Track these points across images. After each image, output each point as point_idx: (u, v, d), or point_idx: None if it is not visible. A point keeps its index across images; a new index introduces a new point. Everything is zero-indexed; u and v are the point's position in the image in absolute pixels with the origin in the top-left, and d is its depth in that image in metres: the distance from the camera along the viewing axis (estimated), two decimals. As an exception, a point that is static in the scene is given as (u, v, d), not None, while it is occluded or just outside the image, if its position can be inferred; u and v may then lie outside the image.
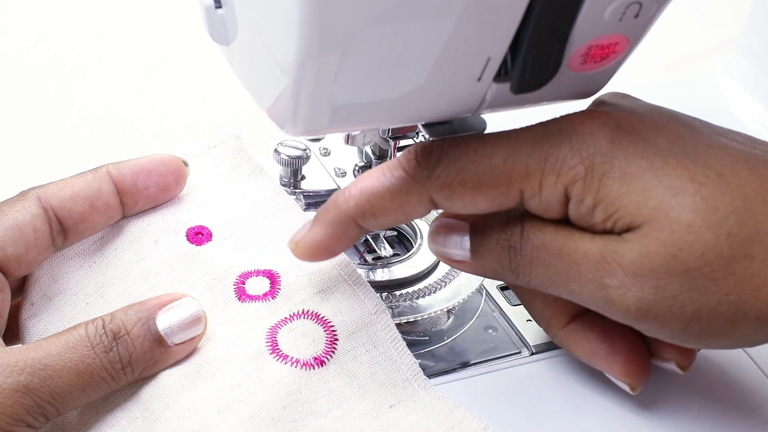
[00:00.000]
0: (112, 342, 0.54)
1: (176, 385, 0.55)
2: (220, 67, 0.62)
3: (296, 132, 0.54)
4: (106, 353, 0.54)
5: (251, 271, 0.60)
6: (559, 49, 0.52)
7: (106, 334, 0.54)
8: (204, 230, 0.62)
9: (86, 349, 0.53)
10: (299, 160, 0.67)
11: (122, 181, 0.60)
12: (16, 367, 0.52)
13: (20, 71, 1.07)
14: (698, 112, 0.58)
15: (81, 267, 0.61)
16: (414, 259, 0.66)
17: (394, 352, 0.58)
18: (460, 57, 0.51)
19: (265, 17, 0.50)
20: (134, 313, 0.55)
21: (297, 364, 0.56)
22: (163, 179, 0.62)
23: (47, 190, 0.58)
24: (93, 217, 0.60)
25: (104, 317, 0.55)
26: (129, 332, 0.55)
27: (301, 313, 0.58)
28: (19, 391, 0.52)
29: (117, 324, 0.55)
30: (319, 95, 0.51)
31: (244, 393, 0.55)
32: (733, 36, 0.96)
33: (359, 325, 0.58)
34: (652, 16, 0.53)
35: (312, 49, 0.48)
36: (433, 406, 0.56)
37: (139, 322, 0.55)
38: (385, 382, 0.57)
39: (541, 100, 0.55)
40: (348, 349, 0.57)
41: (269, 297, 0.59)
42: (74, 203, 0.59)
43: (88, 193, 0.59)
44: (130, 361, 0.55)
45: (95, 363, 0.54)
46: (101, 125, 0.84)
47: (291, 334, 0.57)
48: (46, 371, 0.52)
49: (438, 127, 0.57)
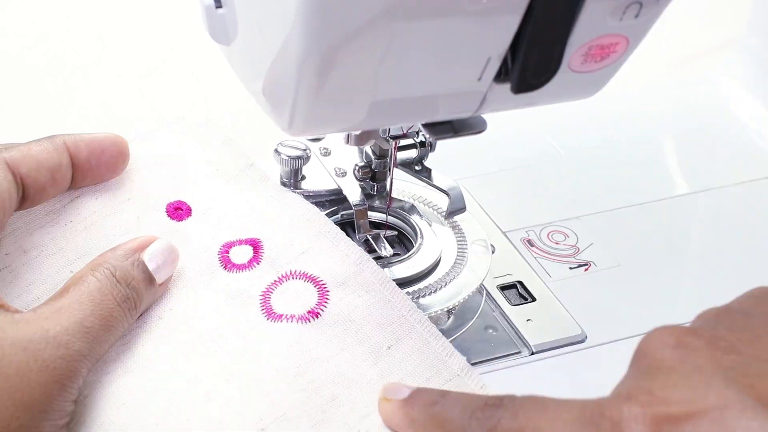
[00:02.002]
0: (127, 289, 0.55)
1: (179, 358, 0.56)
2: (220, 67, 0.62)
3: (296, 132, 0.54)
4: (125, 301, 0.55)
5: (234, 241, 0.61)
6: (559, 49, 0.52)
7: (119, 282, 0.55)
8: (183, 205, 0.63)
9: (111, 302, 0.54)
10: (299, 160, 0.68)
11: (78, 156, 0.61)
12: (68, 335, 0.52)
13: (20, 71, 1.07)
14: (698, 112, 0.58)
15: (56, 224, 0.61)
16: (414, 259, 0.66)
17: (387, 293, 0.59)
18: (460, 57, 0.51)
19: (266, 17, 0.50)
20: (125, 257, 0.56)
21: (293, 319, 0.57)
22: (113, 160, 0.62)
23: (13, 157, 0.58)
24: (51, 188, 0.60)
25: (104, 266, 0.56)
26: (134, 277, 0.56)
27: (289, 275, 0.59)
28: (76, 359, 0.52)
29: (123, 271, 0.56)
30: (319, 95, 0.51)
31: (248, 360, 0.56)
32: (734, 36, 0.96)
33: (348, 275, 0.59)
34: (652, 16, 0.53)
35: (312, 48, 0.48)
36: (431, 346, 0.57)
37: (134, 265, 0.56)
38: (382, 322, 0.57)
39: (541, 100, 0.55)
40: (341, 297, 0.58)
41: (254, 263, 0.60)
42: (39, 173, 0.59)
43: (51, 164, 0.59)
44: (140, 303, 0.56)
45: (119, 314, 0.55)
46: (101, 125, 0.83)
47: (283, 296, 0.58)
48: (90, 333, 0.53)
49: (438, 126, 0.57)
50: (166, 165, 0.65)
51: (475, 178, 0.81)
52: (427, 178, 0.69)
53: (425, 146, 0.69)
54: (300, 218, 0.62)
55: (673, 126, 0.92)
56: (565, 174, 0.84)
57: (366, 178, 0.69)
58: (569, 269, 0.73)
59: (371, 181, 0.69)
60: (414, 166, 0.70)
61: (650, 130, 0.91)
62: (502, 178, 0.83)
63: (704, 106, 0.93)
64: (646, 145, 0.89)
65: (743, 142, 0.90)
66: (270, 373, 0.55)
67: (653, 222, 0.79)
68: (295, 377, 0.55)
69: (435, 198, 0.71)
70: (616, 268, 0.74)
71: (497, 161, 0.84)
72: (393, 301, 0.58)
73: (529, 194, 0.81)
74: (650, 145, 0.89)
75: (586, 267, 0.73)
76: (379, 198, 0.69)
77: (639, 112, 0.93)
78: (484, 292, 0.68)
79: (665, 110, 0.93)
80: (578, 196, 0.81)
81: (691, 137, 0.90)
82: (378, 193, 0.69)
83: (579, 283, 0.72)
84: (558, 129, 0.88)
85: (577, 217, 0.78)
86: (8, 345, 0.50)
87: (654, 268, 0.74)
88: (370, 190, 0.69)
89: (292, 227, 0.62)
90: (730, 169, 0.86)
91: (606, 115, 0.91)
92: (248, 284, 0.59)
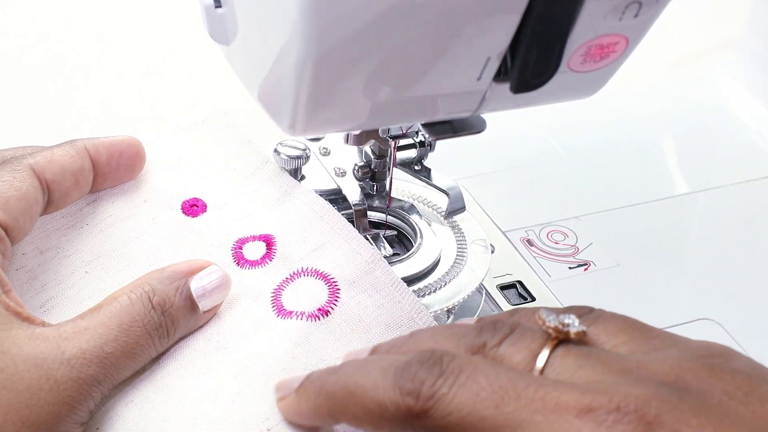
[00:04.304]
0: (161, 317, 0.54)
1: (187, 355, 0.56)
2: (220, 67, 0.62)
3: (296, 132, 0.54)
4: (156, 329, 0.54)
5: (248, 237, 0.62)
6: (558, 48, 0.52)
7: (154, 308, 0.54)
8: (199, 202, 0.63)
9: (139, 329, 0.53)
10: (299, 160, 0.67)
11: (98, 159, 0.61)
12: (84, 359, 0.51)
13: (20, 71, 1.07)
14: (698, 112, 0.58)
15: (72, 227, 0.61)
16: (414, 259, 0.66)
17: (397, 294, 0.59)
18: (460, 57, 0.51)
19: (265, 17, 0.50)
20: (170, 281, 0.55)
21: (302, 316, 0.57)
22: (131, 161, 0.62)
23: (38, 162, 0.58)
24: (74, 192, 0.60)
25: (144, 287, 0.54)
26: (173, 304, 0.54)
27: (300, 272, 0.60)
28: (89, 384, 0.51)
29: (161, 296, 0.54)
30: (319, 95, 0.51)
31: (256, 357, 0.56)
32: (734, 36, 0.96)
33: (359, 273, 0.59)
34: (652, 16, 0.53)
35: (312, 48, 0.48)
36: None
37: (177, 291, 0.55)
38: (390, 323, 0.58)
39: (540, 99, 0.55)
40: (351, 296, 0.58)
41: (267, 260, 0.60)
42: (63, 178, 0.59)
43: (74, 168, 0.60)
44: (174, 332, 0.55)
45: (146, 342, 0.53)
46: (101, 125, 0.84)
47: (294, 293, 0.59)
48: (109, 359, 0.52)
49: (438, 126, 0.57)
50: (183, 165, 0.65)
51: (475, 177, 0.82)
52: (426, 177, 0.69)
53: (425, 146, 0.69)
54: (313, 214, 0.63)
55: (673, 126, 0.92)
56: (565, 174, 0.84)
57: (365, 177, 0.69)
58: (569, 269, 0.73)
59: (371, 181, 0.69)
60: (413, 166, 0.70)
61: (650, 130, 0.91)
62: (502, 177, 0.83)
63: (704, 106, 0.93)
64: (646, 145, 0.89)
65: (743, 142, 0.90)
66: (277, 373, 0.55)
67: (653, 222, 0.79)
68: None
69: (434, 198, 0.71)
70: (616, 267, 0.74)
71: (497, 161, 0.84)
72: (402, 302, 0.58)
73: (529, 194, 0.81)
74: (650, 145, 0.89)
75: (585, 267, 0.74)
76: (378, 198, 0.69)
77: (639, 112, 0.93)
78: (484, 291, 0.68)
79: (665, 110, 0.93)
80: (578, 196, 0.81)
81: (691, 137, 0.90)
82: (377, 192, 0.69)
83: (578, 282, 0.72)
84: (558, 129, 0.89)
85: (577, 217, 0.78)
86: (22, 361, 0.50)
87: (653, 268, 0.74)
88: (369, 190, 0.69)
89: (306, 223, 0.62)
90: (729, 169, 0.86)
91: (606, 115, 0.91)
92: (260, 281, 0.60)
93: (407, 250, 0.67)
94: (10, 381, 0.49)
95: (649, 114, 0.93)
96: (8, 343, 0.50)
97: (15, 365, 0.50)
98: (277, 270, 0.60)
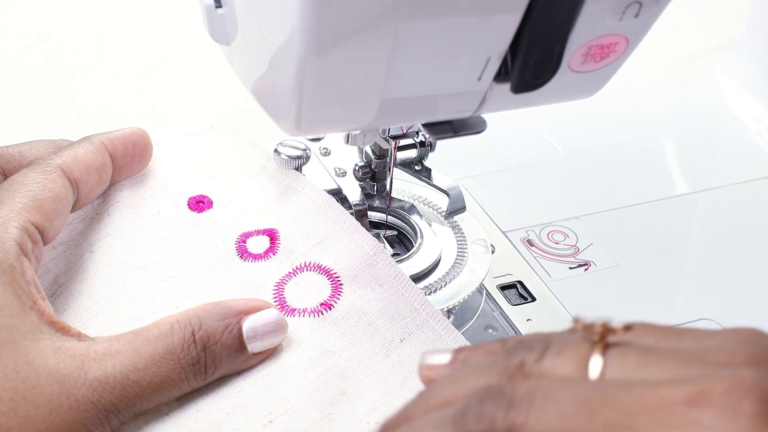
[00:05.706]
0: (201, 353, 0.52)
1: None
2: (220, 67, 0.62)
3: (296, 132, 0.54)
4: (193, 365, 0.52)
5: (251, 231, 0.62)
6: (559, 48, 0.52)
7: (195, 344, 0.52)
8: (205, 199, 0.64)
9: (173, 362, 0.51)
10: (299, 160, 0.67)
11: (116, 154, 0.62)
12: (106, 384, 0.49)
13: (20, 71, 1.07)
14: (698, 112, 0.58)
15: (83, 219, 0.62)
16: (414, 259, 0.66)
17: (400, 287, 0.59)
18: (460, 57, 0.51)
19: (265, 17, 0.50)
20: (221, 317, 0.53)
21: (305, 313, 0.58)
22: (143, 152, 0.63)
23: (66, 163, 0.58)
24: (98, 188, 0.61)
25: (192, 319, 0.52)
26: (218, 341, 0.52)
27: (303, 266, 0.60)
28: (107, 410, 0.50)
29: (207, 332, 0.52)
30: (318, 95, 0.51)
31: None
32: (733, 36, 0.96)
33: (361, 267, 0.60)
34: (652, 16, 0.53)
35: (312, 49, 0.48)
36: (444, 339, 0.57)
37: (227, 329, 0.53)
38: (394, 316, 0.58)
39: (541, 100, 0.55)
40: (354, 290, 0.59)
41: (270, 254, 0.61)
42: (89, 176, 0.60)
43: (97, 166, 0.60)
44: (214, 370, 0.53)
45: (178, 377, 0.51)
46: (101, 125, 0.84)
47: (297, 288, 0.59)
48: (133, 388, 0.50)
49: (438, 126, 0.57)
50: (191, 165, 0.66)
51: (475, 178, 0.81)
52: (426, 177, 0.69)
53: (425, 146, 0.69)
54: (316, 208, 0.63)
55: (673, 126, 0.92)
56: (565, 174, 0.84)
57: (366, 177, 0.69)
58: (569, 269, 0.73)
59: (371, 181, 0.69)
60: (414, 166, 0.70)
61: (650, 130, 0.91)
62: (502, 178, 0.83)
63: (704, 106, 0.93)
64: (646, 145, 0.89)
65: (743, 142, 0.90)
66: (280, 367, 0.55)
67: (653, 222, 0.79)
68: (305, 371, 0.55)
69: (435, 198, 0.71)
70: (616, 267, 0.74)
71: (497, 161, 0.84)
72: (406, 294, 0.59)
73: (529, 194, 0.81)
74: (650, 145, 0.89)
75: (585, 267, 0.73)
76: (378, 198, 0.69)
77: (639, 112, 0.93)
78: (484, 291, 0.68)
79: (665, 110, 0.93)
80: (578, 196, 0.81)
81: (691, 137, 0.90)
82: (378, 192, 0.69)
83: (579, 282, 0.72)
84: (558, 129, 0.89)
85: (577, 217, 0.78)
86: (45, 374, 0.49)
87: (654, 268, 0.74)
88: (369, 190, 0.69)
89: (309, 217, 0.62)
90: (729, 169, 0.86)
91: (606, 115, 0.91)
92: (263, 274, 0.60)
93: (407, 250, 0.67)
94: (30, 393, 0.48)
95: (649, 114, 0.93)
96: (34, 354, 0.49)
97: (38, 377, 0.49)
98: (280, 264, 0.60)
